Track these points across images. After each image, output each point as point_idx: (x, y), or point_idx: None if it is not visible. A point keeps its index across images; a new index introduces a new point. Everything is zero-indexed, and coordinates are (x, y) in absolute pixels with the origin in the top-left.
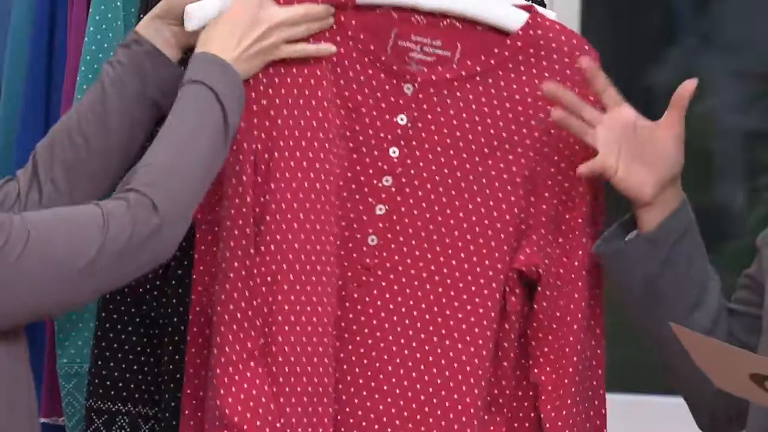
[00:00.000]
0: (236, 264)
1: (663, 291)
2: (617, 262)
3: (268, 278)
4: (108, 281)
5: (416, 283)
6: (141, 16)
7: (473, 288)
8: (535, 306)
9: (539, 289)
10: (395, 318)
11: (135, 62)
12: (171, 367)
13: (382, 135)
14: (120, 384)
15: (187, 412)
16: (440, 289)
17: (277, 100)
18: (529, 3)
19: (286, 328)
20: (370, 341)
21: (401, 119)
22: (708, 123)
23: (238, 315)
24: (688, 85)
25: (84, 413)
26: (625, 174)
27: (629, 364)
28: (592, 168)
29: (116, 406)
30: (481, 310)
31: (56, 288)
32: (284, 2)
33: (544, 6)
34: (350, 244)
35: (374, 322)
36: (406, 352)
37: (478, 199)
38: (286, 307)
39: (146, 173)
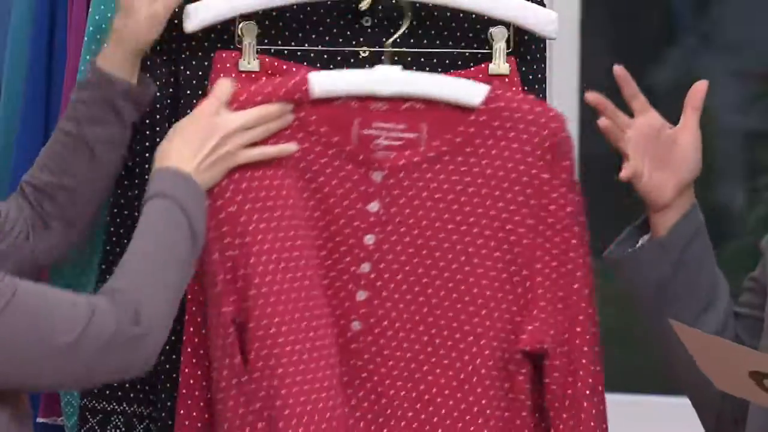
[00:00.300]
0: (225, 374)
1: (675, 294)
2: (630, 267)
3: (264, 383)
4: (81, 372)
5: (402, 364)
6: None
7: (469, 368)
8: (546, 379)
9: (547, 362)
10: (384, 401)
11: (108, 102)
12: (167, 366)
13: (355, 224)
14: (115, 383)
15: (182, 411)
16: (431, 373)
17: (247, 205)
18: (491, 75)
19: (294, 422)
20: (362, 424)
21: (373, 207)
22: (708, 123)
23: (237, 422)
24: (700, 86)
25: (79, 412)
26: (649, 178)
27: (629, 364)
28: (627, 173)
29: (111, 406)
30: (478, 390)
31: (29, 356)
32: (238, 106)
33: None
34: (335, 330)
35: (365, 404)
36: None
37: (459, 277)
38: (290, 403)
39: (127, 285)
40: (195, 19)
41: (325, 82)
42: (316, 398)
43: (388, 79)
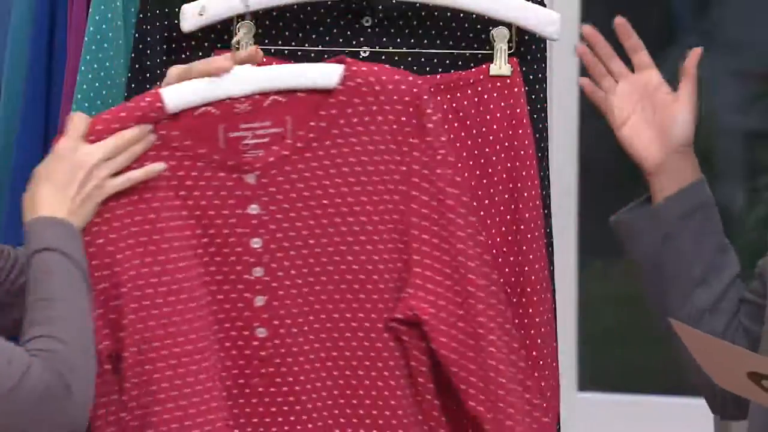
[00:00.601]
0: (100, 413)
1: (664, 265)
2: (624, 233)
3: (139, 412)
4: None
5: (315, 361)
6: (141, 16)
7: (372, 354)
8: (434, 345)
9: (427, 328)
10: (304, 398)
11: None
12: None
13: (239, 230)
14: None
15: None
16: (341, 361)
17: (112, 234)
18: (343, 56)
19: None
20: (286, 428)
21: (253, 209)
22: (708, 123)
23: None
24: (694, 53)
25: None
26: (632, 131)
27: (629, 364)
28: (602, 103)
29: None
30: (386, 373)
31: None
32: (96, 137)
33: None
34: (240, 342)
35: (285, 408)
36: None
37: (351, 259)
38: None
39: (54, 346)
40: (192, 19)
41: (178, 95)
42: (202, 421)
43: (241, 79)
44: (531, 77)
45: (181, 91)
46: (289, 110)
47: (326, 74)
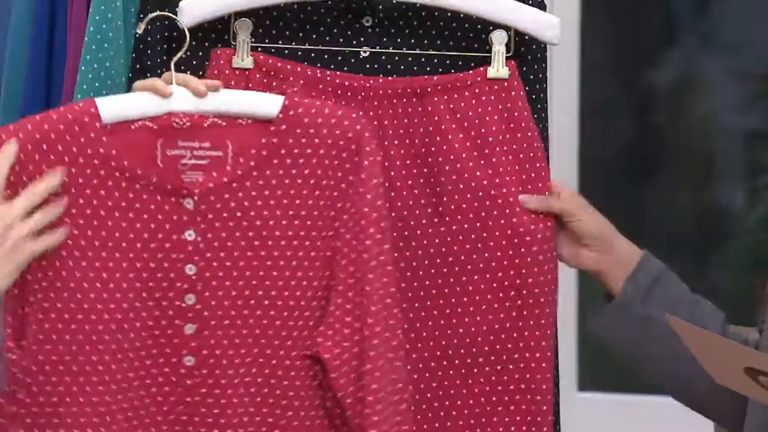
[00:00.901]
0: None
1: (653, 348)
2: (605, 339)
3: None
4: None
5: (242, 391)
6: (141, 16)
7: (291, 391)
8: (332, 384)
9: (329, 368)
10: (228, 429)
11: None
12: None
13: (173, 256)
14: None
15: None
16: (264, 395)
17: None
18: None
19: None
20: None
21: (189, 235)
22: (708, 123)
23: None
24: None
25: None
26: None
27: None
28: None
29: None
30: (302, 413)
31: None
32: (9, 195)
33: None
34: (167, 369)
35: None
36: None
37: (284, 294)
38: None
39: None
40: (188, 16)
41: (114, 107)
42: None
43: (181, 96)
44: (531, 77)
45: (118, 102)
46: (230, 135)
47: (267, 103)
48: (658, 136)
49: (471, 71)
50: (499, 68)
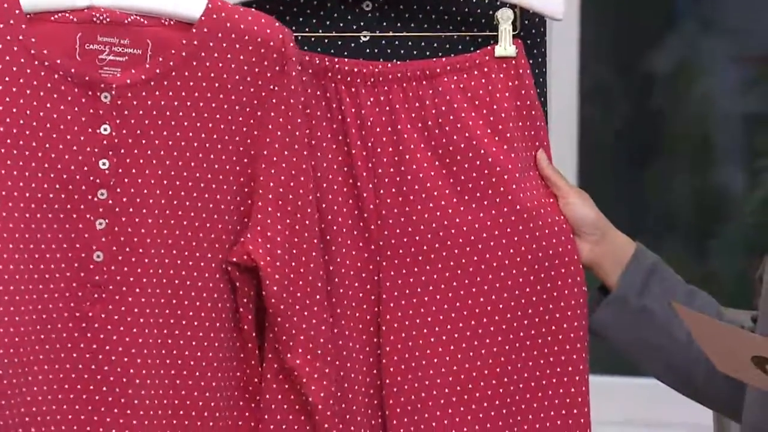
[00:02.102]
0: None
1: (651, 340)
2: (603, 333)
3: None
4: None
5: (149, 290)
6: None
7: (203, 293)
8: (265, 291)
9: (263, 275)
10: (135, 330)
11: None
12: None
13: (88, 149)
14: None
15: None
16: (173, 295)
17: None
18: None
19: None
20: (113, 357)
21: (105, 129)
22: (707, 107)
23: None
24: (542, 160)
25: None
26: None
27: None
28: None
29: None
30: (213, 314)
31: None
32: None
33: None
34: (76, 264)
35: (114, 337)
36: (149, 360)
37: (197, 196)
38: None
39: None
40: None
41: None
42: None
43: None
44: (531, 61)
45: None
46: (150, 34)
47: (190, 6)
48: (658, 119)
49: (478, 51)
50: (506, 46)
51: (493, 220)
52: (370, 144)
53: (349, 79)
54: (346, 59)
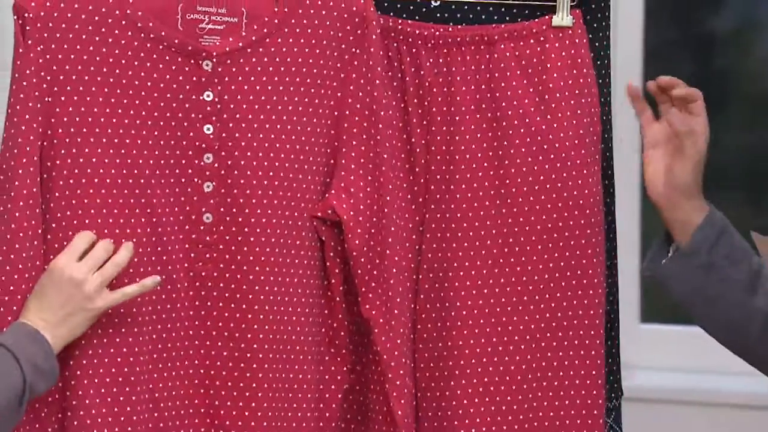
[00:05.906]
0: None
1: (713, 293)
2: (664, 281)
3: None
4: None
5: (257, 249)
6: None
7: (296, 249)
8: (347, 245)
9: (348, 233)
10: (245, 287)
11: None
12: None
13: (193, 115)
14: None
15: None
16: (278, 252)
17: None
18: None
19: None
20: (226, 314)
21: (207, 96)
22: (766, 67)
23: None
24: (698, 105)
25: None
26: (650, 159)
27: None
28: (642, 119)
29: None
30: (302, 270)
31: None
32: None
33: None
34: (187, 226)
35: (226, 294)
36: (261, 315)
37: (288, 157)
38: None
39: None
40: None
41: None
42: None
43: None
44: (594, 25)
45: None
46: (245, 2)
47: None
48: (720, 78)
49: (536, 20)
50: (563, 17)
51: (528, 186)
52: (426, 103)
53: (410, 40)
54: (410, 21)
